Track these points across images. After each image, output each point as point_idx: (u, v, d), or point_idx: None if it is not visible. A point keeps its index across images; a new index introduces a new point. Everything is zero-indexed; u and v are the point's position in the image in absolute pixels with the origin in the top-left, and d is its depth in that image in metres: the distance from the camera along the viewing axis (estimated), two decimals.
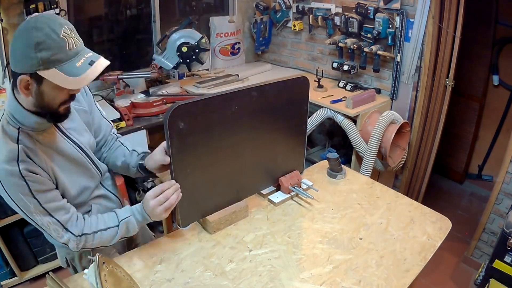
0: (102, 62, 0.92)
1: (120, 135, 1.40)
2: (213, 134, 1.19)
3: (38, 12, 2.14)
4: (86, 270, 0.97)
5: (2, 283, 2.18)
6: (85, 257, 1.27)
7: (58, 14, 2.22)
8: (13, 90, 0.95)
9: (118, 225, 1.11)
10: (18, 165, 0.92)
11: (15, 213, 2.05)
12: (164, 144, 1.15)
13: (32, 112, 0.95)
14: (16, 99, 0.95)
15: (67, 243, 1.06)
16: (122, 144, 1.35)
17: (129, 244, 1.46)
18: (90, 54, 0.91)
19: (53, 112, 0.97)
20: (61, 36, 0.85)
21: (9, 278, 2.21)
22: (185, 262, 1.17)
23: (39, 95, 0.91)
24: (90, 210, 1.20)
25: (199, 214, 1.29)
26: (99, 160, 1.30)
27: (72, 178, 1.10)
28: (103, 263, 0.94)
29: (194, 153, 1.16)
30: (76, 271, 1.31)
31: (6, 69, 2.13)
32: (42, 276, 2.29)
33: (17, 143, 0.95)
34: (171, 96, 2.50)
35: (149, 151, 1.26)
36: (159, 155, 1.16)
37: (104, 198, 1.26)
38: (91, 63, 0.89)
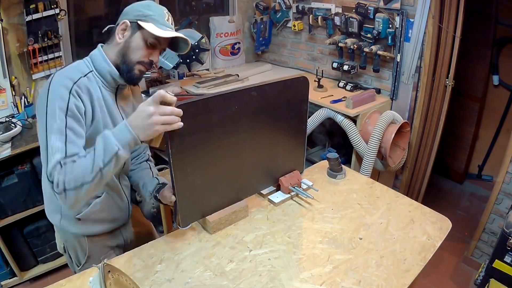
0: (184, 35, 1.15)
1: (152, 159, 1.46)
2: (213, 134, 1.18)
3: (38, 12, 2.14)
4: (91, 278, 0.95)
5: (2, 283, 2.18)
6: (80, 245, 1.29)
7: (58, 14, 2.22)
8: (104, 42, 1.16)
9: (95, 147, 0.94)
10: (73, 84, 1.02)
11: (15, 213, 2.06)
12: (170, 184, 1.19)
13: (112, 63, 1.11)
14: (101, 51, 1.12)
15: (53, 176, 0.93)
16: (150, 168, 1.40)
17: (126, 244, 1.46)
18: (171, 30, 1.14)
19: (129, 68, 1.11)
20: (164, 11, 1.13)
21: (9, 278, 2.21)
22: (185, 262, 1.17)
23: (127, 43, 1.10)
24: (100, 197, 1.24)
25: (199, 214, 1.29)
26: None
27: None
28: (109, 271, 0.92)
29: (194, 153, 1.16)
30: (71, 258, 1.34)
31: (7, 69, 2.13)
32: (42, 276, 2.29)
33: (85, 75, 1.07)
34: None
35: (167, 182, 1.29)
36: (166, 194, 1.22)
37: (117, 193, 1.29)
38: (174, 31, 1.14)
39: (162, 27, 1.10)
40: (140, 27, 1.09)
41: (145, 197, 1.34)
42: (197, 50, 2.54)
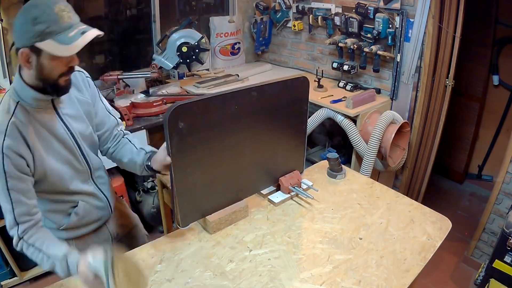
0: (94, 32, 0.97)
1: (129, 132, 1.40)
2: (213, 134, 1.19)
3: None
4: (91, 259, 0.94)
5: (2, 283, 2.18)
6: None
7: None
8: (19, 67, 1.01)
9: (49, 258, 1.03)
10: (4, 139, 0.97)
11: None
12: (165, 144, 1.14)
13: (33, 87, 1.01)
14: (21, 75, 1.01)
15: (12, 236, 1.04)
16: (130, 141, 1.35)
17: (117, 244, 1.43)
18: (83, 26, 0.97)
19: (53, 84, 1.01)
20: (55, 10, 0.92)
21: (9, 278, 2.21)
22: (185, 262, 1.17)
23: (39, 67, 0.97)
24: (77, 206, 1.20)
25: (199, 214, 1.29)
26: (105, 154, 1.34)
27: (57, 161, 1.11)
28: (117, 258, 0.93)
29: (194, 153, 1.16)
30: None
31: (7, 68, 2.13)
32: (42, 276, 2.29)
33: (12, 116, 1.00)
34: (171, 96, 2.50)
35: (156, 150, 1.26)
36: (161, 156, 1.17)
37: (93, 196, 1.25)
38: (83, 33, 0.95)
39: (62, 37, 0.93)
40: (40, 49, 0.94)
41: (137, 171, 1.30)
42: (197, 50, 2.54)
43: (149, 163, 1.24)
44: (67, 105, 1.13)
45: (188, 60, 2.54)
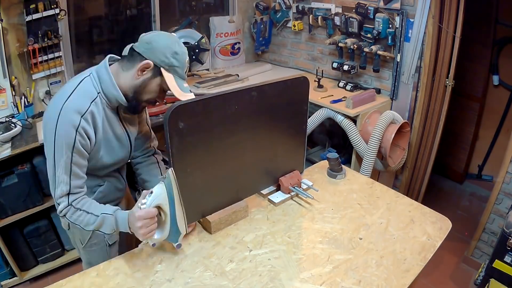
0: (193, 95, 1.16)
1: (160, 152, 1.51)
2: (213, 134, 1.19)
3: (38, 12, 2.14)
4: (143, 200, 1.08)
5: (2, 283, 2.18)
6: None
7: (58, 14, 2.22)
8: (109, 65, 1.14)
9: (98, 216, 1.11)
10: (80, 120, 1.06)
11: (15, 213, 2.05)
12: None
13: (122, 91, 1.13)
14: (112, 73, 1.12)
15: (59, 203, 1.12)
16: (158, 163, 1.47)
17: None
18: (187, 84, 1.17)
19: (136, 102, 1.16)
20: (186, 61, 1.14)
21: (9, 278, 2.21)
22: (185, 262, 1.17)
23: (143, 83, 1.12)
24: (103, 185, 1.31)
25: (199, 214, 1.29)
26: (131, 159, 1.45)
27: (109, 154, 1.22)
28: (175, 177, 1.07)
29: (194, 153, 1.17)
30: (74, 237, 1.40)
31: (7, 69, 2.13)
32: (42, 276, 2.29)
33: (92, 103, 1.10)
34: (171, 96, 2.48)
35: None
36: None
37: (116, 178, 1.37)
38: (190, 91, 1.16)
39: (180, 82, 1.13)
40: (161, 73, 1.11)
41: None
42: (197, 50, 2.54)
43: None
44: (129, 115, 1.26)
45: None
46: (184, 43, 2.49)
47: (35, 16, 2.14)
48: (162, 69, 1.10)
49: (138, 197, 1.75)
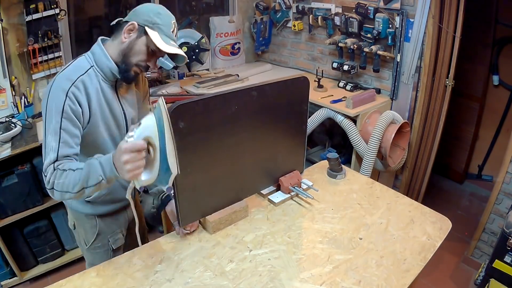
0: (182, 52, 1.18)
1: None
2: (213, 134, 1.19)
3: (38, 12, 2.14)
4: (130, 133, 0.94)
5: (2, 283, 2.18)
6: (90, 224, 1.37)
7: (58, 14, 2.22)
8: (103, 39, 1.21)
9: (83, 168, 1.02)
10: (71, 86, 1.08)
11: (15, 213, 2.06)
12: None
13: (111, 59, 1.15)
14: (105, 46, 1.17)
15: (46, 174, 1.05)
16: None
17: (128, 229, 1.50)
18: (175, 44, 1.18)
19: (127, 66, 1.16)
20: (171, 22, 1.17)
21: (9, 278, 2.21)
22: (185, 262, 1.17)
23: (130, 44, 1.14)
24: None
25: (199, 214, 1.29)
26: None
27: (106, 131, 1.21)
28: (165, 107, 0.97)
29: (194, 153, 1.16)
30: (79, 236, 1.42)
31: (7, 69, 2.13)
32: (42, 276, 2.29)
33: (84, 74, 1.12)
34: (171, 96, 2.50)
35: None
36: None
37: None
38: (178, 48, 1.17)
39: (166, 39, 1.14)
40: (146, 33, 1.13)
41: (149, 197, 1.39)
42: (197, 50, 2.54)
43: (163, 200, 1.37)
44: (126, 90, 1.27)
45: (188, 60, 2.54)
46: (184, 43, 2.49)
47: (35, 16, 2.14)
48: (146, 28, 1.12)
49: (139, 197, 1.75)
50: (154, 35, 1.12)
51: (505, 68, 2.86)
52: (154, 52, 1.17)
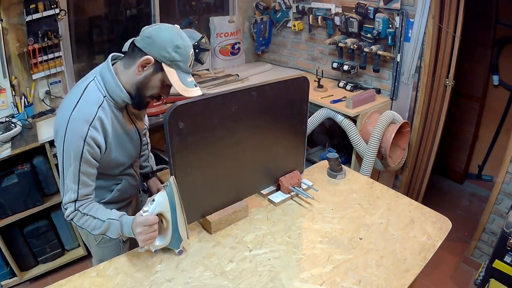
0: (199, 91, 1.13)
1: (149, 141, 1.61)
2: (213, 134, 1.19)
3: (38, 12, 2.14)
4: (145, 208, 1.09)
5: (2, 283, 2.18)
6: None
7: (58, 14, 2.22)
8: (112, 64, 1.14)
9: (104, 221, 1.13)
10: (88, 129, 1.07)
11: (15, 213, 2.05)
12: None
13: (126, 90, 1.12)
14: (115, 73, 1.11)
15: (66, 208, 1.14)
16: (149, 152, 1.59)
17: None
18: (192, 79, 1.13)
19: (140, 98, 1.14)
20: (189, 54, 1.10)
21: (9, 278, 2.21)
22: (185, 262, 1.17)
23: (145, 79, 1.10)
24: (120, 183, 1.32)
25: (199, 214, 1.29)
26: None
27: (122, 152, 1.23)
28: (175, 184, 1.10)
29: (194, 153, 1.16)
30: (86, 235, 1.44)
31: (7, 69, 2.13)
32: (42, 276, 2.29)
33: (99, 108, 1.09)
34: (171, 96, 2.48)
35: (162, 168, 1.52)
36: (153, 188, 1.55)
37: (132, 176, 1.38)
38: (196, 85, 1.12)
39: (183, 76, 1.09)
40: (162, 69, 1.08)
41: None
42: (197, 50, 2.54)
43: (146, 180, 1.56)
44: (136, 110, 1.26)
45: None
46: None
47: (35, 16, 2.14)
48: (163, 64, 1.07)
49: (141, 196, 1.78)
50: (171, 74, 1.07)
51: (505, 68, 2.86)
52: (169, 85, 1.13)
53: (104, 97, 1.11)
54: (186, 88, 1.08)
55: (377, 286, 1.08)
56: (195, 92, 1.10)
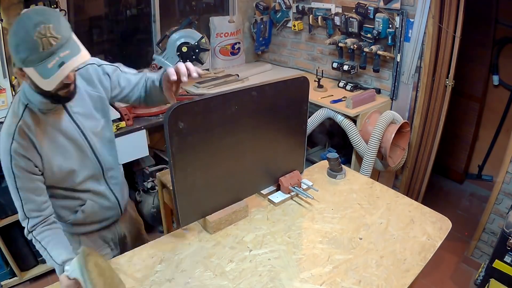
0: (72, 63, 0.92)
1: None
2: (213, 134, 1.19)
3: None
4: (66, 267, 0.99)
5: (2, 283, 2.18)
6: (74, 242, 1.31)
7: None
8: None
9: (49, 260, 1.10)
10: (12, 142, 1.02)
11: (15, 213, 2.05)
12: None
13: (38, 92, 1.01)
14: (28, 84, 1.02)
15: (22, 222, 1.13)
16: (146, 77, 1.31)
17: (121, 244, 1.47)
18: (65, 53, 0.91)
19: (53, 95, 1.01)
20: (34, 37, 0.87)
21: (9, 278, 2.21)
22: (185, 262, 1.17)
23: (34, 83, 0.97)
24: (84, 205, 1.24)
25: (199, 214, 1.29)
26: (140, 103, 1.31)
27: (66, 159, 1.13)
28: (88, 254, 0.95)
29: (194, 153, 1.16)
30: None
31: (7, 69, 2.13)
32: (42, 276, 2.29)
33: (20, 119, 1.03)
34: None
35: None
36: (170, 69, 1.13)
37: (102, 196, 1.28)
38: (61, 65, 0.91)
39: (41, 69, 0.90)
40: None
41: (155, 90, 1.25)
42: (197, 50, 2.54)
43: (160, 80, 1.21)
44: (78, 103, 1.14)
45: (188, 60, 2.54)
46: (184, 43, 2.49)
47: None
48: (23, 69, 0.94)
49: (138, 197, 1.76)
50: (32, 74, 0.92)
51: (505, 68, 2.87)
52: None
53: (26, 105, 1.05)
54: (45, 80, 0.91)
55: (377, 286, 1.08)
56: (57, 78, 0.91)
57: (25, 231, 1.13)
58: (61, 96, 1.04)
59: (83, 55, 0.95)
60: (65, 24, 0.94)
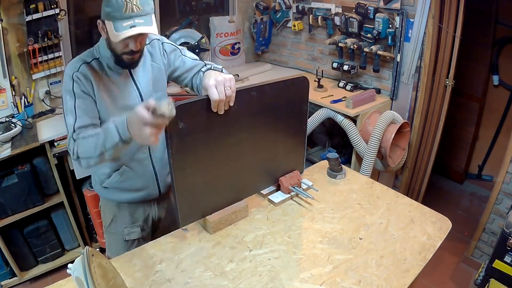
0: (141, 29, 1.08)
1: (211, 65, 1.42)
2: (213, 134, 1.19)
3: (38, 12, 2.14)
4: (70, 265, 0.97)
5: (2, 283, 2.18)
6: (108, 208, 1.44)
7: (58, 14, 2.22)
8: None
9: (100, 131, 1.08)
10: (74, 72, 1.16)
11: (15, 213, 2.06)
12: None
13: (109, 48, 1.17)
14: (103, 39, 1.19)
15: (68, 146, 1.17)
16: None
17: (153, 227, 1.52)
18: (140, 21, 1.08)
19: (118, 58, 1.18)
20: (124, 0, 1.05)
21: (9, 278, 2.21)
22: (185, 262, 1.17)
23: (108, 38, 1.15)
24: (119, 169, 1.33)
25: (199, 214, 1.29)
26: (189, 85, 1.41)
27: (107, 110, 1.22)
28: (92, 255, 0.95)
29: (194, 153, 1.16)
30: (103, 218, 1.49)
31: (7, 69, 2.13)
32: (42, 276, 2.29)
33: (87, 63, 1.19)
34: (171, 96, 2.50)
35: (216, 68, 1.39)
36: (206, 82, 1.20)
37: (141, 164, 1.35)
38: (132, 27, 1.07)
39: (117, 24, 1.07)
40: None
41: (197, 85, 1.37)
42: (197, 50, 2.54)
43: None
44: (142, 69, 1.29)
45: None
46: (184, 43, 2.49)
47: (35, 16, 2.14)
48: (105, 21, 1.11)
49: None
50: (109, 26, 1.10)
51: (505, 68, 2.87)
52: (126, 38, 1.10)
53: (96, 58, 1.21)
54: (115, 33, 1.07)
55: (377, 286, 1.08)
56: (124, 34, 1.07)
57: (71, 146, 1.13)
58: (124, 61, 1.18)
59: (151, 29, 1.11)
60: (150, 2, 1.12)
